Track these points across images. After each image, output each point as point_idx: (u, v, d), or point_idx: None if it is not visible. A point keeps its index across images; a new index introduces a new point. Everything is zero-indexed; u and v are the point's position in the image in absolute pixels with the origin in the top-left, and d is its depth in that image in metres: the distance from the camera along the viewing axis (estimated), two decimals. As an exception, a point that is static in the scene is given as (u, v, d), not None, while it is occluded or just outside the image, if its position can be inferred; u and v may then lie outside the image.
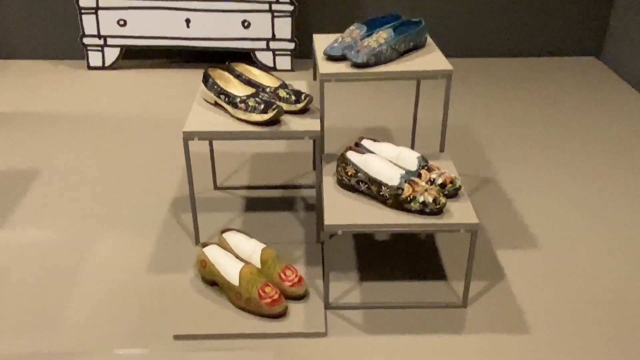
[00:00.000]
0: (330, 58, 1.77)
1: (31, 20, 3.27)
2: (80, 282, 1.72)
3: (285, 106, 1.73)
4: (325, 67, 1.73)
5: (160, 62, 3.31)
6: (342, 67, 1.73)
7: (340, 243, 1.88)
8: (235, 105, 1.70)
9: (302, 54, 3.32)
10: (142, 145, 2.47)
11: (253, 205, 2.08)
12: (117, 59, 3.19)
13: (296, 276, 1.62)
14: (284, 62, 3.19)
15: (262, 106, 1.66)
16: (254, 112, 1.66)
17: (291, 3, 3.04)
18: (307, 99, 1.73)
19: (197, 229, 1.83)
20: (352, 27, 1.82)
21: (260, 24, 3.11)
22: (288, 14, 3.08)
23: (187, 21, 3.10)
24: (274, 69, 3.19)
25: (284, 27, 3.11)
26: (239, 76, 1.81)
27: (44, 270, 1.77)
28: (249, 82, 1.79)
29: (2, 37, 3.29)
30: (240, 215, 2.02)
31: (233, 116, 1.72)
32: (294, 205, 2.07)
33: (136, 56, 3.32)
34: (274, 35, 3.12)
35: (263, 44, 3.15)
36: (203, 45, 3.15)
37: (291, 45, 3.15)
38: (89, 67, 3.21)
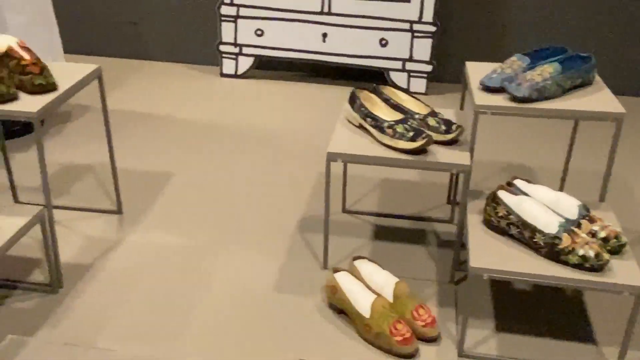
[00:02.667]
0: (487, 89, 1.75)
1: (170, 24, 3.52)
2: (208, 292, 1.80)
3: (434, 135, 1.73)
4: (482, 98, 1.71)
5: (291, 75, 3.43)
6: (499, 100, 1.70)
7: (475, 286, 1.84)
8: (381, 130, 1.72)
9: (437, 77, 3.30)
10: (270, 160, 2.56)
11: (381, 233, 2.09)
12: (250, 68, 3.36)
13: (429, 316, 1.60)
14: (419, 85, 3.20)
15: (411, 134, 1.67)
16: (401, 139, 1.68)
17: (434, 24, 3.06)
18: (459, 130, 1.72)
19: (326, 253, 1.87)
20: (513, 58, 1.79)
21: (398, 44, 3.15)
22: (429, 35, 3.09)
23: (324, 35, 3.20)
24: (407, 90, 3.21)
25: (423, 48, 3.12)
26: (386, 100, 1.84)
27: (174, 276, 1.87)
28: (397, 107, 1.81)
29: (139, 38, 3.57)
30: (368, 243, 2.04)
31: (378, 141, 1.74)
32: (425, 239, 2.06)
33: (268, 67, 3.47)
34: (411, 55, 3.14)
35: (399, 64, 3.18)
36: (337, 61, 3.24)
37: (428, 68, 3.15)
38: (222, 74, 3.40)
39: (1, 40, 1.75)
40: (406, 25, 3.10)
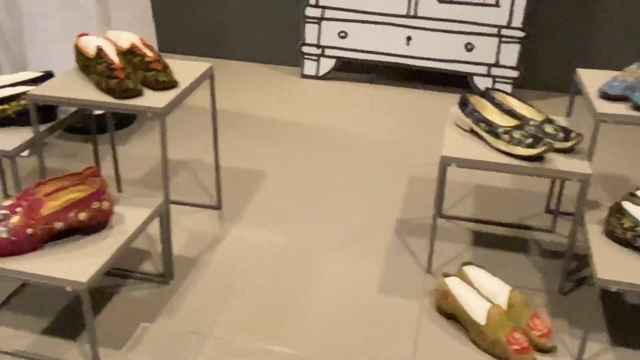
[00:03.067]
0: (607, 97, 1.72)
1: (253, 23, 3.57)
2: (313, 289, 1.83)
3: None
4: (603, 106, 1.68)
5: (372, 77, 3.43)
6: (621, 109, 1.67)
7: (585, 297, 1.81)
8: (496, 136, 1.72)
9: (520, 84, 3.26)
10: (358, 161, 2.57)
11: (480, 240, 2.08)
12: (331, 70, 3.38)
13: (545, 326, 1.58)
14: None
15: (530, 140, 1.66)
16: (518, 145, 1.67)
17: (523, 29, 3.02)
18: (578, 137, 1.70)
19: (431, 258, 1.87)
20: (633, 67, 1.76)
21: (485, 48, 3.12)
22: (517, 41, 3.05)
23: (408, 39, 3.20)
24: (516, 96, 3.16)
25: (510, 53, 3.09)
26: (498, 105, 1.83)
27: (279, 272, 1.90)
28: (510, 113, 1.80)
29: (223, 37, 3.64)
30: (467, 249, 2.03)
31: (492, 146, 1.74)
32: (527, 248, 2.03)
33: (348, 69, 3.48)
34: (497, 61, 3.11)
35: (484, 69, 3.16)
36: (420, 65, 3.23)
37: (514, 74, 3.11)
38: (303, 75, 3.45)
39: (124, 37, 1.82)
40: (494, 30, 3.07)
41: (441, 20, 3.14)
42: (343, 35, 3.28)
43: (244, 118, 2.94)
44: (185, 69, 1.89)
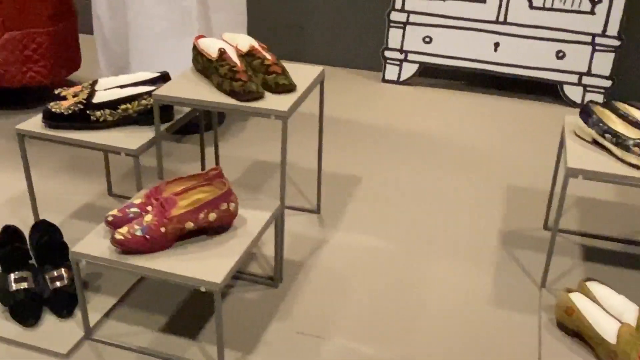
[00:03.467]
0: None
1: (334, 26, 3.56)
2: (422, 299, 1.81)
3: (684, 157, 1.65)
4: None
5: (454, 83, 3.39)
6: None
7: None
8: (626, 148, 1.66)
9: (612, 94, 3.17)
10: (448, 169, 2.53)
11: (591, 254, 2.02)
12: (413, 75, 3.36)
13: (678, 348, 1.53)
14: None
15: (663, 154, 1.61)
16: (650, 159, 1.62)
17: (619, 38, 2.95)
18: None
19: (547, 272, 1.83)
20: None
21: (576, 57, 3.04)
22: (612, 49, 2.97)
23: (496, 45, 3.16)
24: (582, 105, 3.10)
25: (604, 62, 3.01)
26: (623, 116, 1.78)
27: (385, 279, 1.89)
28: (637, 124, 1.75)
29: (303, 40, 3.65)
30: (578, 263, 1.97)
31: (620, 159, 1.68)
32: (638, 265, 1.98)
33: (430, 74, 3.43)
34: (589, 70, 3.04)
35: (574, 78, 3.08)
36: (508, 72, 3.17)
37: (607, 83, 3.03)
38: (383, 80, 3.43)
39: (243, 40, 1.84)
40: (587, 38, 2.99)
41: (532, 26, 3.07)
42: (428, 40, 3.25)
43: (327, 122, 2.94)
44: (297, 72, 1.90)
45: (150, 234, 1.47)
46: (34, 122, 1.83)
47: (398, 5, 3.24)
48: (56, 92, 1.88)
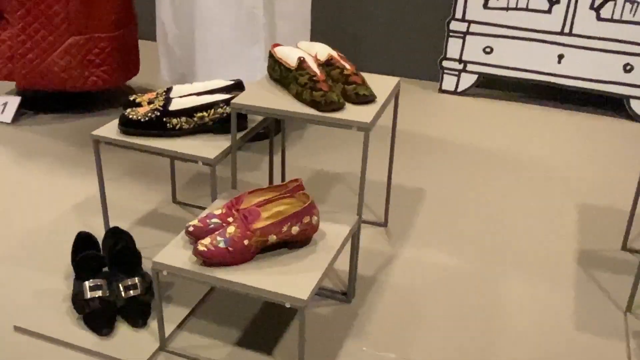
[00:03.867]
0: None
1: (390, 35, 3.52)
2: (501, 322, 1.74)
3: None
4: None
5: (513, 95, 3.31)
6: None
7: None
8: None
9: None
10: (514, 183, 2.46)
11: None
12: (471, 86, 3.30)
13: None
14: (664, 116, 3.00)
15: None
16: None
17: (692, 51, 2.85)
18: None
19: (633, 295, 1.75)
20: None
21: (645, 70, 2.97)
22: (684, 63, 2.88)
23: (560, 57, 3.07)
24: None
25: (675, 76, 2.92)
26: None
27: (460, 297, 1.83)
28: None
29: (359, 48, 3.61)
30: (661, 286, 1.90)
31: None
32: None
33: (490, 85, 3.36)
34: (659, 84, 2.96)
35: (642, 92, 3.00)
36: (572, 85, 3.08)
37: (678, 98, 2.94)
38: (440, 90, 3.38)
39: (321, 49, 1.81)
40: (658, 51, 2.92)
41: (598, 38, 2.99)
42: (488, 50, 3.19)
43: (383, 132, 2.88)
44: (373, 82, 1.85)
45: (233, 246, 1.44)
46: (108, 128, 1.82)
47: (459, 15, 3.18)
48: (131, 98, 1.88)
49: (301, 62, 1.71)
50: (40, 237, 2.04)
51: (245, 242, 1.45)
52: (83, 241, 1.75)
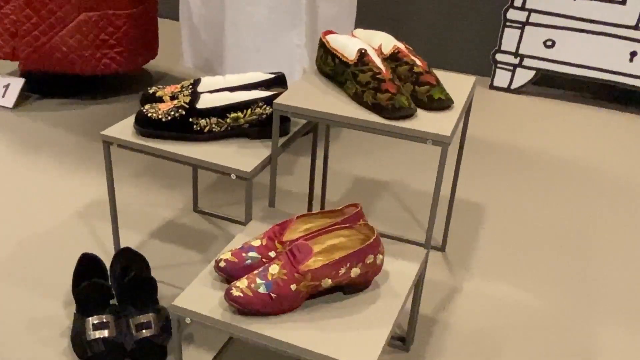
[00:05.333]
0: None
1: (438, 24, 3.16)
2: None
3: None
4: None
5: (577, 95, 2.96)
6: None
7: None
8: None
9: None
10: (594, 200, 2.12)
11: None
12: (527, 83, 2.96)
13: None
14: None
15: None
16: None
17: None
18: None
19: None
20: None
21: None
22: None
23: (633, 54, 2.72)
24: None
25: None
26: None
27: (541, 344, 1.50)
28: None
29: (402, 36, 3.28)
30: None
31: None
32: None
33: (549, 83, 3.02)
34: None
35: None
36: (645, 86, 2.77)
37: None
38: (492, 87, 3.04)
39: (384, 39, 1.48)
40: None
41: (680, 35, 2.66)
42: (549, 44, 2.84)
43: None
44: (445, 81, 1.53)
45: (277, 292, 1.13)
46: (122, 127, 1.50)
47: (518, 2, 2.83)
48: (150, 91, 1.56)
49: (362, 55, 1.38)
50: (38, 249, 1.73)
51: (293, 287, 1.14)
52: (87, 266, 1.45)
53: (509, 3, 2.84)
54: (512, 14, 2.86)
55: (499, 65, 2.97)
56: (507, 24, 2.88)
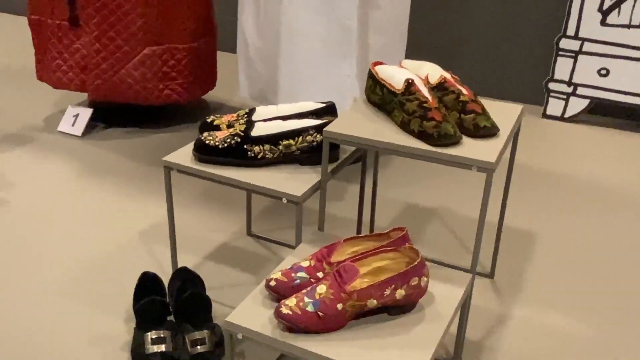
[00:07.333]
0: None
1: (490, 53, 3.19)
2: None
3: None
4: None
5: (633, 124, 2.92)
6: None
7: None
8: None
9: None
10: (637, 226, 2.14)
11: None
12: (581, 112, 2.94)
13: None
14: None
15: None
16: None
17: None
18: None
19: None
20: None
21: None
22: None
23: (691, 82, 2.70)
24: None
25: None
26: None
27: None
28: None
29: (455, 69, 3.32)
30: None
31: None
32: None
33: (603, 112, 2.99)
34: None
35: None
36: None
37: None
38: (544, 115, 3.03)
39: (431, 69, 1.54)
40: None
41: None
42: (604, 72, 2.82)
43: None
44: (491, 110, 1.57)
45: (324, 311, 1.18)
46: (182, 154, 1.60)
47: (570, 32, 2.84)
48: (208, 120, 1.66)
49: (409, 84, 1.44)
50: (102, 268, 1.84)
51: (339, 306, 1.19)
52: (148, 284, 1.54)
53: (561, 32, 2.85)
54: (564, 43, 2.87)
55: (552, 94, 2.96)
56: (560, 53, 2.89)
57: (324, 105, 1.65)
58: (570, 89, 2.92)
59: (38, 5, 2.63)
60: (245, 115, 1.63)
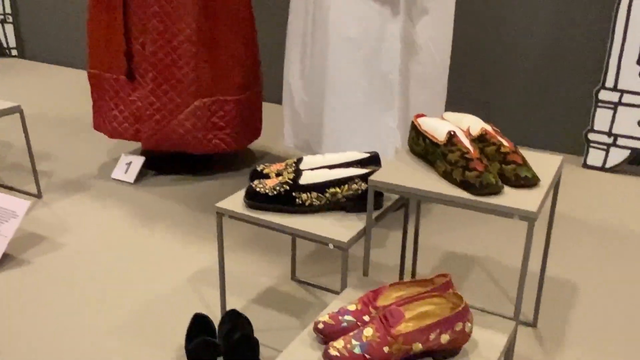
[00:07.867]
0: None
1: (528, 104, 3.23)
2: None
3: None
4: None
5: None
6: None
7: None
8: None
9: None
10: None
11: None
12: (622, 162, 2.94)
13: None
14: None
15: None
16: None
17: None
18: None
19: None
20: None
21: None
22: None
23: None
24: None
25: None
26: None
27: None
28: None
29: (494, 120, 3.37)
30: None
31: None
32: None
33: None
34: None
35: None
36: None
37: None
38: (585, 165, 3.05)
39: (472, 122, 1.60)
40: None
41: None
42: (644, 123, 2.85)
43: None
44: (532, 161, 1.61)
45: (371, 354, 1.22)
46: (233, 201, 1.68)
47: (609, 84, 2.88)
48: (258, 168, 1.75)
49: (452, 136, 1.50)
50: (155, 309, 1.92)
51: (385, 349, 1.23)
52: (200, 325, 1.61)
53: (600, 84, 2.89)
54: (604, 95, 2.90)
55: (592, 144, 2.98)
56: (599, 104, 2.92)
57: (369, 155, 1.72)
58: (610, 140, 2.94)
59: (97, 60, 2.82)
60: (294, 164, 1.71)
